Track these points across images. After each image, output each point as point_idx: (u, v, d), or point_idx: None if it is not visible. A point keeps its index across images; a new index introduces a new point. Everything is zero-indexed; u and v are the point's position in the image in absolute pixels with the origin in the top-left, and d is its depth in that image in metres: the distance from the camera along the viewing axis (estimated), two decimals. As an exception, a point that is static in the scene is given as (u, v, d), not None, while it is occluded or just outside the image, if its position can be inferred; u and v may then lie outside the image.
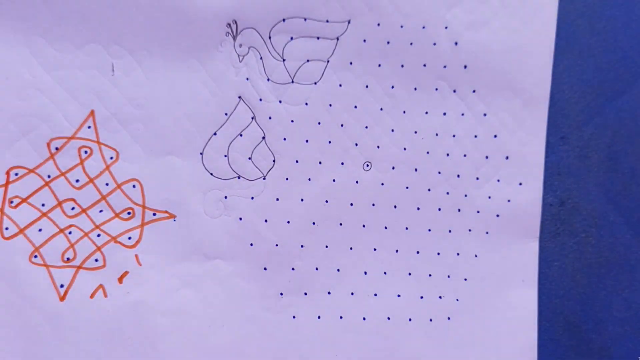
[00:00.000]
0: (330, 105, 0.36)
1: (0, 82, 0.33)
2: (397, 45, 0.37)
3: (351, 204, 0.36)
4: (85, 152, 0.34)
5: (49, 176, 0.33)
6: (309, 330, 0.36)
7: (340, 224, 0.36)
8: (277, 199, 0.36)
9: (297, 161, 0.36)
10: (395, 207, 0.37)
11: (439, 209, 0.38)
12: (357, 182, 0.36)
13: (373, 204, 0.37)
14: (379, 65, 0.37)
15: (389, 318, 0.36)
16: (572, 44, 0.39)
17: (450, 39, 0.37)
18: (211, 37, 0.35)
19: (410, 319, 0.37)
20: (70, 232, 0.33)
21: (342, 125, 0.36)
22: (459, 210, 0.38)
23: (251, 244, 0.35)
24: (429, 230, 0.37)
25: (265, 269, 0.35)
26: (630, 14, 0.39)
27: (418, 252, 0.37)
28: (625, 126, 0.40)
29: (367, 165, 0.37)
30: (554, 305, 0.39)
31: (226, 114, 0.35)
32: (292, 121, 0.36)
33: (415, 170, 0.37)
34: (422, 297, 0.37)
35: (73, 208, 0.34)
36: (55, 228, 0.33)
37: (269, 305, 0.35)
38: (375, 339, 0.36)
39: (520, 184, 0.38)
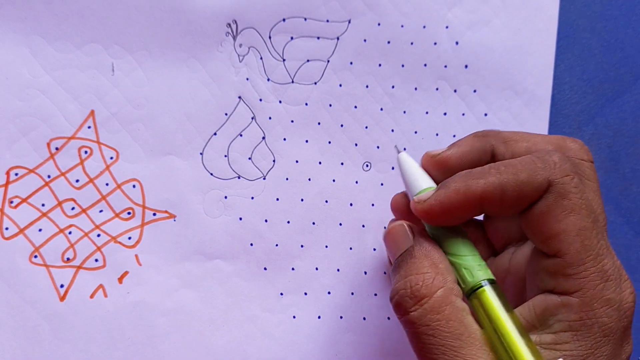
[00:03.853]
0: (330, 105, 0.36)
1: (0, 82, 0.33)
2: (397, 45, 0.37)
3: (351, 204, 0.36)
4: (85, 152, 0.34)
5: (49, 176, 0.33)
6: (309, 330, 0.36)
7: (340, 224, 0.36)
8: (277, 199, 0.36)
9: (297, 161, 0.36)
10: (395, 207, 0.37)
11: (439, 209, 0.38)
12: (356, 182, 0.36)
13: (373, 204, 0.37)
14: (379, 65, 0.37)
15: (389, 318, 0.36)
16: (573, 44, 0.39)
17: (451, 38, 0.37)
18: (211, 37, 0.35)
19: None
20: (70, 232, 0.33)
21: (342, 125, 0.36)
22: (459, 210, 0.38)
23: (251, 244, 0.35)
24: (429, 230, 0.37)
25: (265, 269, 0.35)
26: (630, 14, 0.39)
27: (418, 252, 0.37)
28: (626, 126, 0.40)
29: (367, 166, 0.37)
30: (555, 306, 0.39)
31: (226, 114, 0.35)
32: (292, 121, 0.36)
33: (416, 170, 0.37)
34: (422, 297, 0.37)
35: (73, 208, 0.34)
36: (55, 228, 0.33)
37: (269, 305, 0.35)
38: (375, 339, 0.36)
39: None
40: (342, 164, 0.36)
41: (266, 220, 0.36)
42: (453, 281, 0.27)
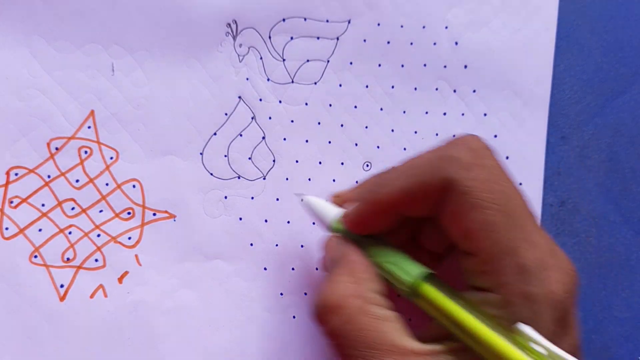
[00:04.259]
0: (330, 105, 0.36)
1: (0, 82, 0.33)
2: (397, 45, 0.37)
3: (351, 204, 0.36)
4: (85, 152, 0.34)
5: (49, 176, 0.33)
6: (309, 330, 0.36)
7: (340, 224, 0.36)
8: (277, 199, 0.36)
9: (297, 161, 0.36)
10: (395, 207, 0.37)
11: (439, 209, 0.38)
12: (357, 182, 0.36)
13: (373, 204, 0.37)
14: (379, 65, 0.37)
15: (389, 318, 0.36)
16: (572, 44, 0.39)
17: (451, 38, 0.37)
18: (211, 37, 0.35)
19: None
20: (70, 232, 0.33)
21: (342, 125, 0.36)
22: (459, 210, 0.38)
23: (251, 244, 0.35)
24: (429, 230, 0.37)
25: (265, 269, 0.35)
26: (630, 14, 0.39)
27: (418, 252, 0.37)
28: (626, 126, 0.40)
29: (367, 165, 0.37)
30: (554, 305, 0.39)
31: (226, 114, 0.35)
32: (292, 121, 0.36)
33: (415, 170, 0.37)
34: (422, 297, 0.37)
35: (73, 208, 0.34)
36: (55, 228, 0.33)
37: (269, 305, 0.35)
38: (375, 339, 0.36)
39: (520, 184, 0.38)
40: (342, 164, 0.36)
41: (266, 220, 0.36)
42: (373, 290, 0.27)
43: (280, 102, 0.36)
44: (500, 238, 0.25)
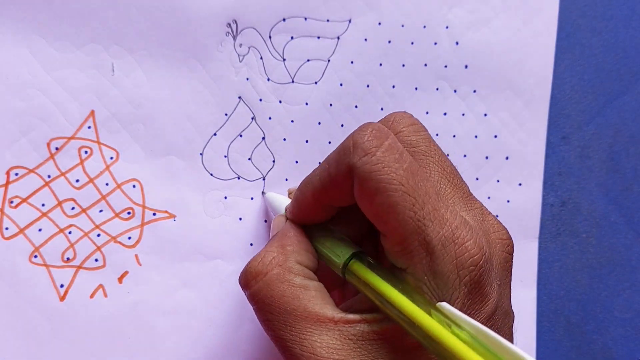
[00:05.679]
0: (331, 105, 0.36)
1: (0, 82, 0.33)
2: (397, 45, 0.37)
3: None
4: (85, 152, 0.34)
5: (49, 176, 0.33)
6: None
7: (340, 224, 0.36)
8: (277, 199, 0.36)
9: (297, 161, 0.36)
10: (395, 207, 0.37)
11: (440, 209, 0.37)
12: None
13: (373, 204, 0.37)
14: (380, 64, 0.37)
15: (389, 318, 0.36)
16: (573, 44, 0.39)
17: (451, 38, 0.37)
18: (211, 37, 0.35)
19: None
20: (70, 232, 0.33)
21: (342, 125, 0.36)
22: (460, 210, 0.38)
23: (251, 244, 0.35)
24: (429, 230, 0.37)
25: (265, 269, 0.35)
26: (630, 14, 0.39)
27: (418, 252, 0.37)
28: (627, 126, 0.40)
29: (367, 166, 0.37)
30: (555, 306, 0.39)
31: (226, 115, 0.35)
32: (292, 121, 0.36)
33: (416, 170, 0.37)
34: (422, 298, 0.37)
35: (73, 208, 0.34)
36: (55, 228, 0.33)
37: (269, 305, 0.35)
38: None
39: (520, 184, 0.38)
40: (342, 164, 0.36)
41: (266, 221, 0.36)
42: (296, 262, 0.28)
43: (280, 102, 0.36)
44: (406, 218, 0.25)
